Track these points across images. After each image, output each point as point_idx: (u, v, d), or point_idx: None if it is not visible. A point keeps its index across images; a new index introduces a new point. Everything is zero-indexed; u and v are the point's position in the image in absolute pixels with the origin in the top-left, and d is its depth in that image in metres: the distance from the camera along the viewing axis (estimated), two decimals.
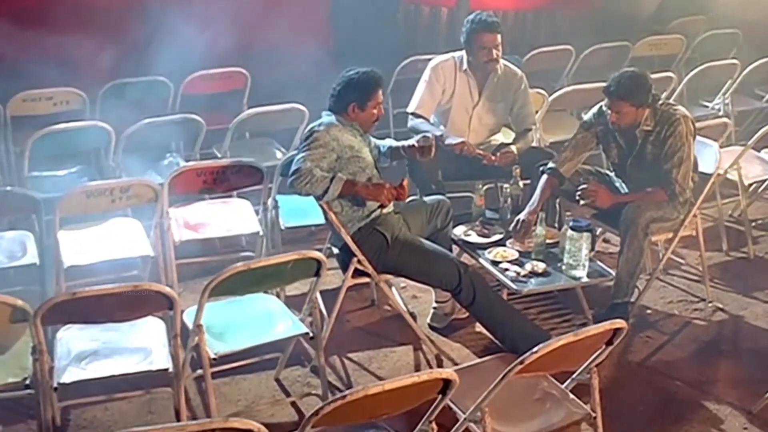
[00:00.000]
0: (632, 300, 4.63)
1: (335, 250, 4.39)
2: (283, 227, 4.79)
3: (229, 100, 6.17)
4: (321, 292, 4.33)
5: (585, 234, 4.18)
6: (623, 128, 4.49)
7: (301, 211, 4.79)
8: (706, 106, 6.80)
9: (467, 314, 4.59)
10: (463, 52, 5.16)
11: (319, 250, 3.91)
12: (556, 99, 5.96)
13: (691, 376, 4.26)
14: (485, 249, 4.45)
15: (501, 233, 4.57)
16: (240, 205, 4.91)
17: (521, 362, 2.84)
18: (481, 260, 4.40)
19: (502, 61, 5.16)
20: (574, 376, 3.34)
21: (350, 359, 4.40)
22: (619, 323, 3.02)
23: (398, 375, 3.55)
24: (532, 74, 5.66)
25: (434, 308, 4.66)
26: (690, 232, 4.80)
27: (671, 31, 7.78)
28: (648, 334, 4.64)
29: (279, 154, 5.73)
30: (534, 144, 5.35)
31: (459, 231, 4.62)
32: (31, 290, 4.24)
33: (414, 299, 4.91)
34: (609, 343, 3.13)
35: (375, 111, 4.31)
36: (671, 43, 7.37)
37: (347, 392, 2.57)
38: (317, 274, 3.61)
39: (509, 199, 4.77)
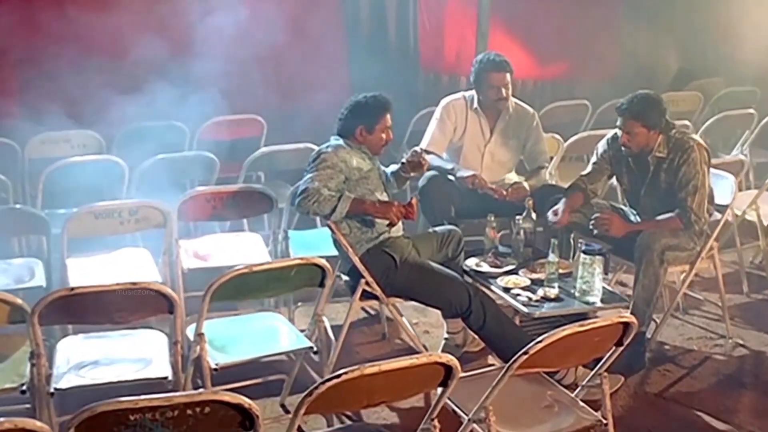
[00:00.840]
0: (649, 336, 4.52)
1: (344, 278, 4.33)
2: (292, 255, 4.73)
3: (246, 148, 6.20)
4: (331, 327, 4.32)
5: (598, 258, 4.09)
6: (634, 151, 4.46)
7: (311, 244, 4.76)
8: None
9: (479, 347, 4.50)
10: (473, 92, 5.18)
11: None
12: (572, 144, 5.95)
13: (710, 406, 4.11)
14: (497, 278, 4.37)
15: (513, 264, 4.50)
16: (251, 238, 4.89)
17: (525, 353, 2.75)
18: (492, 288, 4.31)
19: (512, 99, 5.18)
20: (584, 383, 3.24)
21: None
22: (627, 317, 2.93)
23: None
24: (548, 128, 5.69)
25: (446, 339, 4.56)
26: (707, 265, 4.71)
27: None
28: (666, 368, 4.50)
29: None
30: (547, 182, 5.31)
31: (471, 262, 4.55)
32: None
33: (426, 334, 4.82)
34: (619, 343, 3.03)
35: (383, 135, 4.31)
36: (689, 100, 7.38)
37: (342, 371, 2.49)
38: (322, 283, 3.55)
39: (522, 232, 4.70)
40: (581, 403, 3.19)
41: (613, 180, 4.91)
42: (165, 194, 5.13)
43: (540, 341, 2.73)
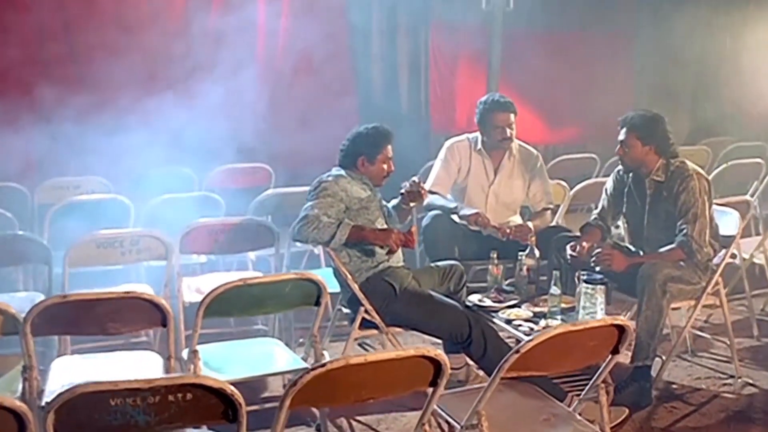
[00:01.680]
0: (654, 374, 4.43)
1: (345, 311, 4.31)
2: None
3: (253, 196, 6.24)
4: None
5: (600, 287, 4.04)
6: (629, 166, 4.52)
7: None
8: None
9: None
10: (477, 134, 5.22)
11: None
12: (579, 192, 5.94)
13: None
14: (499, 311, 4.33)
15: (516, 300, 4.46)
16: (255, 275, 4.87)
17: (517, 351, 2.70)
18: (495, 320, 4.26)
19: (516, 141, 5.21)
20: (582, 396, 3.17)
21: (358, 421, 4.20)
22: (622, 320, 2.88)
23: None
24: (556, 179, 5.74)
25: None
26: (713, 302, 4.64)
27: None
28: (674, 405, 4.39)
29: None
30: (552, 224, 5.30)
31: (473, 298, 4.51)
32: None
33: None
34: (615, 351, 2.97)
35: (385, 166, 4.33)
36: (697, 155, 7.39)
37: (328, 360, 2.45)
38: (318, 302, 3.52)
39: (524, 269, 4.66)
40: (579, 417, 3.11)
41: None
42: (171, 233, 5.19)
43: (531, 339, 2.69)
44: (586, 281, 4.08)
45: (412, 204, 4.48)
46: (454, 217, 5.06)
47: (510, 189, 5.21)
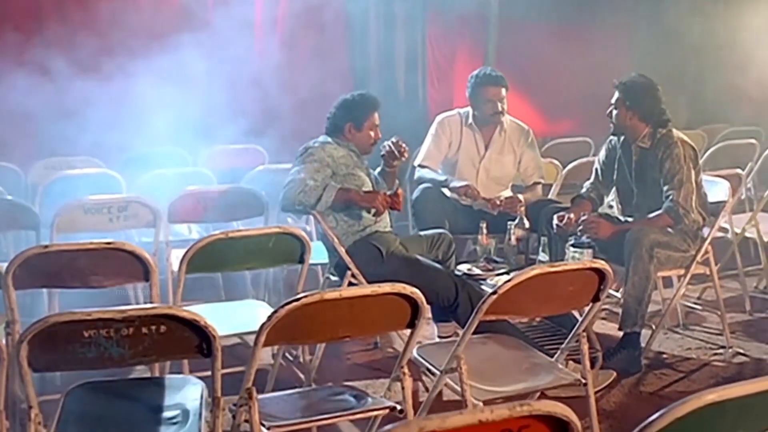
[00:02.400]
0: (643, 344, 4.43)
1: (333, 278, 4.30)
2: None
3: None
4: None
5: (587, 251, 4.06)
6: (616, 129, 4.56)
7: None
8: None
9: None
10: (468, 108, 5.22)
11: None
12: (571, 171, 5.92)
13: None
14: (487, 279, 4.32)
15: (505, 269, 4.45)
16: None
17: (494, 293, 2.70)
18: (483, 287, 4.25)
19: (507, 116, 5.21)
20: (563, 346, 3.16)
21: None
22: (601, 264, 2.87)
23: None
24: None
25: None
26: (703, 270, 4.62)
27: None
28: (663, 372, 4.38)
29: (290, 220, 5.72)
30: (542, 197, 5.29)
31: (463, 267, 4.50)
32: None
33: (417, 344, 4.72)
34: (595, 298, 2.96)
35: (372, 133, 4.34)
36: (693, 138, 7.25)
37: (302, 295, 2.45)
38: (301, 259, 3.52)
39: (513, 238, 4.64)
40: (561, 366, 3.11)
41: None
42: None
43: (509, 280, 2.69)
44: (573, 245, 4.10)
45: (394, 163, 4.44)
46: (445, 191, 5.05)
47: (501, 164, 5.21)
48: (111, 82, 5.90)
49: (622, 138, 4.67)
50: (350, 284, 4.10)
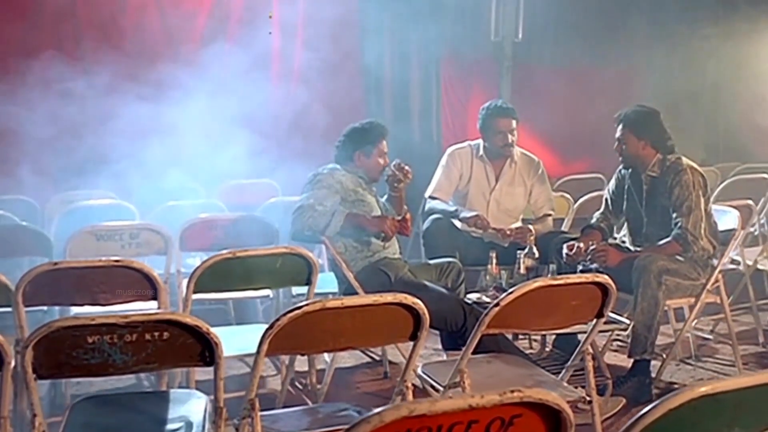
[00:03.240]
0: (654, 375, 4.40)
1: None
2: (294, 292, 4.72)
3: None
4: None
5: None
6: (627, 162, 4.54)
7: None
8: None
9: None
10: (479, 141, 5.27)
11: None
12: (583, 205, 5.93)
13: None
14: None
15: None
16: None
17: (497, 305, 2.71)
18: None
19: (518, 148, 5.25)
20: (568, 363, 3.15)
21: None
22: (604, 279, 2.88)
23: None
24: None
25: None
26: (714, 299, 4.60)
27: None
28: None
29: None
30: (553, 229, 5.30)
31: (472, 296, 4.51)
32: None
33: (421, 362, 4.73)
34: (599, 314, 2.96)
35: (381, 160, 4.39)
36: (707, 175, 7.32)
37: (304, 303, 2.48)
38: (309, 280, 3.54)
39: (522, 267, 4.64)
40: (565, 383, 3.10)
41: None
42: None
43: (510, 292, 2.70)
44: (581, 272, 4.10)
45: (399, 186, 4.47)
46: (456, 222, 5.08)
47: (511, 196, 5.23)
48: (130, 116, 6.00)
49: (630, 168, 4.69)
50: None
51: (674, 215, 4.38)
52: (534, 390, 1.63)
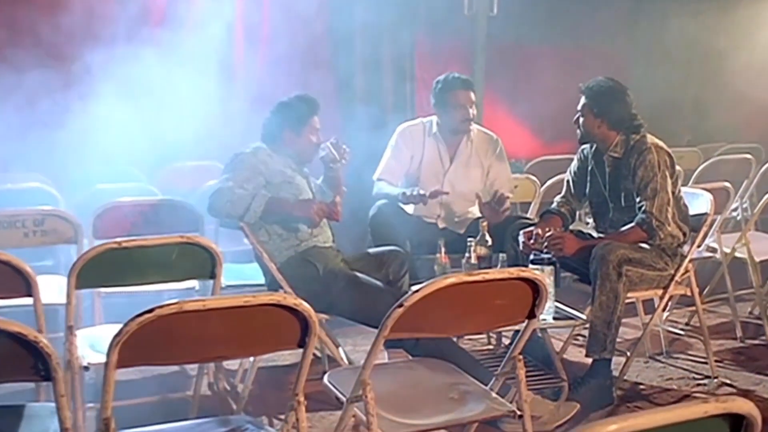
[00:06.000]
0: (615, 375, 4.00)
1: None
2: (223, 285, 4.29)
3: None
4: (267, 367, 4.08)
5: (548, 268, 3.62)
6: (584, 138, 4.18)
7: (242, 272, 4.34)
8: None
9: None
10: (432, 117, 4.82)
11: None
12: (551, 187, 5.49)
13: None
14: None
15: None
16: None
17: (400, 305, 2.28)
18: None
19: (475, 125, 4.81)
20: (497, 372, 2.73)
21: (279, 419, 3.78)
22: (532, 273, 2.45)
23: None
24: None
25: None
26: (684, 291, 4.18)
27: None
28: (638, 405, 3.94)
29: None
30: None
31: (415, 289, 4.07)
32: None
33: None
34: (531, 315, 2.54)
35: (313, 138, 3.97)
36: (687, 157, 6.92)
37: (157, 305, 2.05)
38: (213, 274, 3.12)
39: (473, 256, 4.18)
40: (494, 395, 2.67)
41: None
42: None
43: (417, 290, 2.27)
44: (532, 261, 3.67)
45: (334, 166, 4.06)
46: (407, 207, 4.66)
47: (467, 178, 4.77)
48: (66, 98, 5.55)
49: (594, 147, 4.27)
50: None
51: (638, 199, 3.96)
52: None
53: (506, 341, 4.48)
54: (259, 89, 6.88)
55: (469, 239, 4.09)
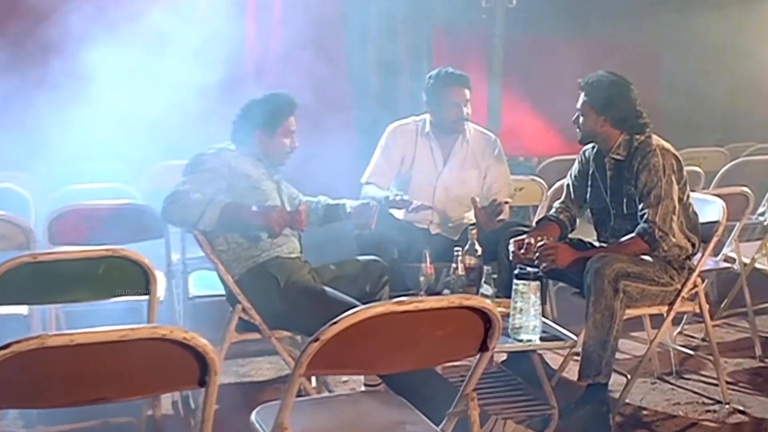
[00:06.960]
0: (614, 397, 3.63)
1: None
2: (191, 295, 3.99)
3: None
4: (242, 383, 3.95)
5: (533, 284, 3.25)
6: (584, 138, 3.83)
7: (214, 282, 4.01)
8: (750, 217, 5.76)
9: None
10: (425, 116, 4.47)
11: None
12: (558, 191, 5.10)
13: None
14: None
15: None
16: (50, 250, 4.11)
17: (316, 339, 1.95)
18: None
19: (471, 124, 4.45)
20: (450, 411, 2.37)
21: None
22: (478, 300, 2.09)
23: None
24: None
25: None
26: (692, 308, 3.79)
27: None
28: None
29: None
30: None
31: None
32: None
33: (343, 384, 4.00)
34: (483, 348, 2.18)
35: (287, 141, 3.64)
36: (711, 157, 6.49)
37: (16, 340, 1.73)
38: (147, 290, 2.80)
39: (460, 266, 3.81)
40: None
41: None
42: None
43: (335, 322, 1.93)
44: (517, 276, 3.30)
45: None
46: (396, 212, 4.32)
47: (462, 180, 4.41)
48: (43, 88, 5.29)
49: (595, 149, 3.89)
50: (242, 322, 3.37)
51: (640, 206, 3.58)
52: None
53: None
54: (269, 85, 6.58)
55: (455, 249, 3.73)
